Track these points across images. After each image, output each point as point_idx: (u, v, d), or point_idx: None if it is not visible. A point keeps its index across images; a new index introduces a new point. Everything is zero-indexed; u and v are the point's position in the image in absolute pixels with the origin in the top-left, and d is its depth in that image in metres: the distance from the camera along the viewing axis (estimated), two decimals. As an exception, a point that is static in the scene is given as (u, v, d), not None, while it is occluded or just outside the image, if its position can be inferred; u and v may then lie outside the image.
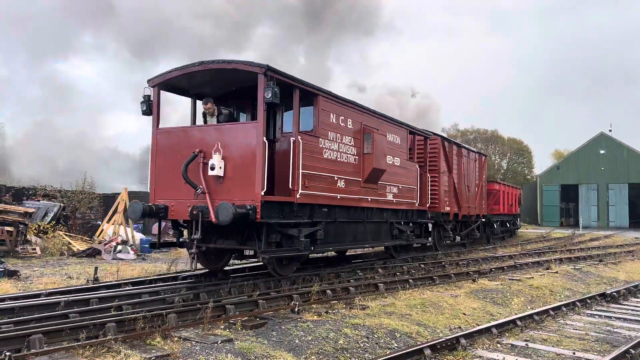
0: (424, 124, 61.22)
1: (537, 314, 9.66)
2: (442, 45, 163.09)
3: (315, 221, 11.40)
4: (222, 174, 10.02)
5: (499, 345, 7.91)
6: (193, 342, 6.86)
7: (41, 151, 57.08)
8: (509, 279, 13.85)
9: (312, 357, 6.86)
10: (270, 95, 9.59)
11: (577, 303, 11.02)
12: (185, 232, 11.66)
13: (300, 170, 10.64)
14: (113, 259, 17.53)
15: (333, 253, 16.41)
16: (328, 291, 10.60)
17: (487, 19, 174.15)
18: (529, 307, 11.08)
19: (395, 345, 7.67)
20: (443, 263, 16.49)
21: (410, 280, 12.74)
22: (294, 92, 10.66)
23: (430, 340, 7.64)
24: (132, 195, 25.88)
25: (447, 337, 7.53)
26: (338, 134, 12.06)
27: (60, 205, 21.81)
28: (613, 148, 51.56)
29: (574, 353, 7.54)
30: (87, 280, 12.18)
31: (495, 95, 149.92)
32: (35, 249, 17.91)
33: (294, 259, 11.72)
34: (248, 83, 10.74)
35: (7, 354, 5.71)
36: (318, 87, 11.43)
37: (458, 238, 21.84)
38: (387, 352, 7.09)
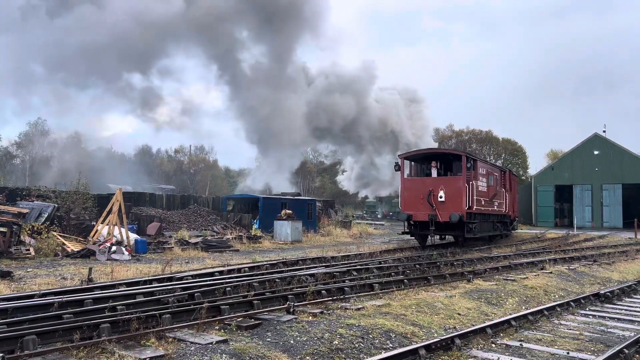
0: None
1: (532, 314, 9.69)
2: (434, 49, 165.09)
3: (474, 220, 22.26)
4: (444, 200, 21.24)
5: (493, 345, 7.92)
6: (188, 342, 6.85)
7: (37, 153, 56.89)
8: (504, 280, 13.88)
9: (307, 357, 6.86)
10: (469, 165, 21.90)
11: (572, 303, 11.06)
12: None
13: (475, 197, 21.87)
14: (107, 259, 17.47)
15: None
16: (323, 291, 10.61)
17: (477, 24, 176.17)
18: (523, 307, 11.11)
19: (391, 345, 7.67)
20: (438, 263, 16.52)
21: (405, 280, 12.76)
22: (470, 160, 22.30)
23: (425, 340, 7.65)
24: (126, 196, 25.82)
25: (442, 338, 7.54)
26: (482, 177, 23.35)
27: (54, 206, 21.71)
28: (607, 149, 51.66)
29: (568, 353, 7.57)
30: (81, 281, 12.14)
31: (487, 97, 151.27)
32: (29, 250, 17.82)
33: (470, 238, 23.16)
34: (449, 154, 24.30)
35: (1, 355, 5.68)
36: (477, 156, 26.23)
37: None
38: (382, 353, 7.09)
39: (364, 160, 61.85)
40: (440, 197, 21.16)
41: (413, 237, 24.03)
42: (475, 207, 21.85)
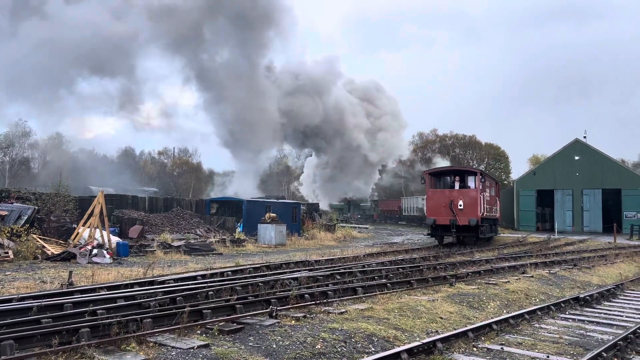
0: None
1: (513, 317, 9.78)
2: (417, 55, 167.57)
3: (483, 224, 27.20)
4: (462, 207, 26.01)
5: (475, 349, 7.98)
6: (169, 347, 6.79)
7: (17, 154, 55.99)
8: (486, 283, 13.99)
9: (290, 362, 6.84)
10: (483, 180, 27.83)
11: (552, 307, 11.18)
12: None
13: (484, 205, 27.04)
14: (88, 262, 17.25)
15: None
16: (306, 295, 10.60)
17: (459, 31, 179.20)
18: (504, 311, 11.20)
19: (373, 349, 7.68)
20: (421, 267, 16.59)
21: (388, 284, 12.79)
22: (480, 175, 27.76)
23: (407, 344, 7.68)
24: (108, 198, 25.56)
25: (424, 341, 7.57)
26: (486, 187, 28.82)
27: (35, 208, 21.38)
28: (587, 154, 52.41)
29: (548, 357, 7.65)
30: (61, 284, 11.96)
31: (470, 102, 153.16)
32: (7, 253, 17.51)
33: (481, 238, 28.03)
34: (466, 171, 29.77)
35: (-24, 360, 5.58)
36: (485, 172, 35.09)
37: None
38: (365, 357, 7.10)
39: (333, 159, 61.69)
40: (460, 206, 26.24)
41: (433, 237, 28.84)
42: (485, 213, 27.24)
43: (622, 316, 11.11)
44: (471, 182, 27.59)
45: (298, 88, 55.08)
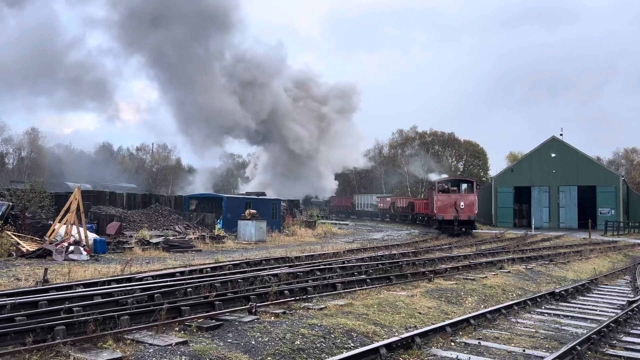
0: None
1: (490, 312, 9.90)
2: (394, 54, 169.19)
3: (476, 219, 37.03)
4: (463, 207, 35.24)
5: (452, 343, 8.06)
6: (146, 344, 6.72)
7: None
8: (464, 279, 14.15)
9: (268, 358, 6.82)
10: (478, 188, 39.48)
11: (528, 302, 11.36)
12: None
13: (476, 205, 36.38)
14: (65, 260, 16.97)
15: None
16: (286, 291, 10.59)
17: (435, 32, 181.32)
18: (482, 306, 11.34)
19: (352, 345, 7.71)
20: (400, 263, 16.70)
21: (367, 280, 12.85)
22: (475, 183, 38.09)
23: (386, 339, 7.72)
24: (85, 194, 25.19)
25: (403, 336, 7.62)
26: (476, 192, 36.92)
27: (9, 204, 20.94)
28: (563, 152, 53.30)
29: (524, 350, 7.77)
30: (37, 282, 11.76)
31: (449, 100, 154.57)
32: (-19, 250, 17.14)
33: (475, 229, 38.73)
34: (465, 180, 40.19)
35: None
36: (477, 180, 43.73)
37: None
38: (344, 352, 7.12)
39: (280, 150, 61.49)
40: (461, 206, 34.83)
41: (438, 230, 36.61)
42: (476, 211, 35.62)
43: (596, 310, 11.34)
44: (469, 188, 36.66)
45: (246, 84, 55.12)
